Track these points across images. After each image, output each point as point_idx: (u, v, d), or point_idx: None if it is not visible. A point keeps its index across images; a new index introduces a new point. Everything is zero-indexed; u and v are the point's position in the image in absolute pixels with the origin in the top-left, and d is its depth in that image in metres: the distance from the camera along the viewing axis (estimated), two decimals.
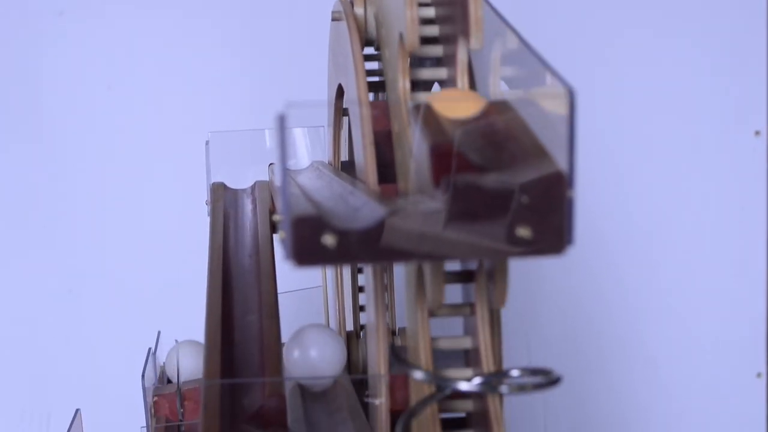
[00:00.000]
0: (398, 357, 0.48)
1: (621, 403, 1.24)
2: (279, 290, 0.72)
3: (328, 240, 0.43)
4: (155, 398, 0.82)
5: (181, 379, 0.77)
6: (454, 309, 0.55)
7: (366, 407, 0.66)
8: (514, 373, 0.47)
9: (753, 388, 1.26)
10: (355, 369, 0.79)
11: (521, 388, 0.45)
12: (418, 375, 0.47)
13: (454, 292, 0.58)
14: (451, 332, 0.57)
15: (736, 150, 1.23)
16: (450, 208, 0.43)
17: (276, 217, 0.76)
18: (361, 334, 0.83)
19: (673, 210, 1.23)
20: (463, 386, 0.45)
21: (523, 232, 0.44)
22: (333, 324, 0.87)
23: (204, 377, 0.60)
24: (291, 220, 0.43)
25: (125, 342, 1.11)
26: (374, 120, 0.58)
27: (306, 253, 0.43)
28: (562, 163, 0.44)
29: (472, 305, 0.54)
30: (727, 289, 1.24)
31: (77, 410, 0.82)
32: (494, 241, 0.44)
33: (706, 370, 1.24)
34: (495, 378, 0.46)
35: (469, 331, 0.55)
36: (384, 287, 0.59)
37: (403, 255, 0.44)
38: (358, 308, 0.84)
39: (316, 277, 0.88)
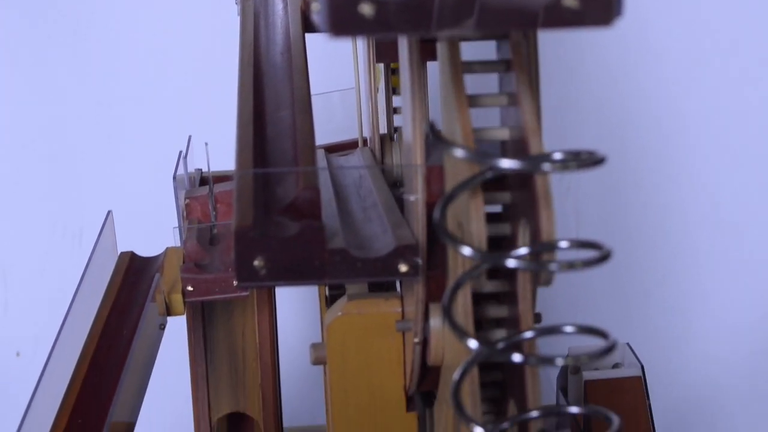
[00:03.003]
0: (437, 135, 0.46)
1: (654, 195, 1.22)
2: (312, 92, 0.70)
3: (366, 9, 0.41)
4: (187, 201, 0.81)
5: None
6: (492, 98, 0.54)
7: (400, 204, 0.65)
8: (557, 155, 0.45)
9: None
10: (388, 173, 0.78)
11: (564, 166, 0.44)
12: (458, 153, 0.46)
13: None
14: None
15: None
16: None
17: None
18: (395, 136, 0.82)
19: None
20: (505, 164, 0.44)
21: (570, 1, 0.42)
22: (366, 127, 0.86)
23: (237, 169, 0.59)
24: None
25: (156, 148, 1.10)
26: None
27: (342, 22, 0.42)
28: None
29: (511, 94, 0.53)
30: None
31: (109, 212, 0.82)
32: (538, 11, 0.42)
33: (739, 170, 1.21)
34: (538, 157, 0.44)
35: (507, 121, 0.54)
36: (421, 74, 0.57)
37: (440, 23, 0.42)
38: (392, 110, 0.82)
39: (348, 78, 0.86)
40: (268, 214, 0.57)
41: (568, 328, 0.48)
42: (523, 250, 0.47)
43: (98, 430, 0.66)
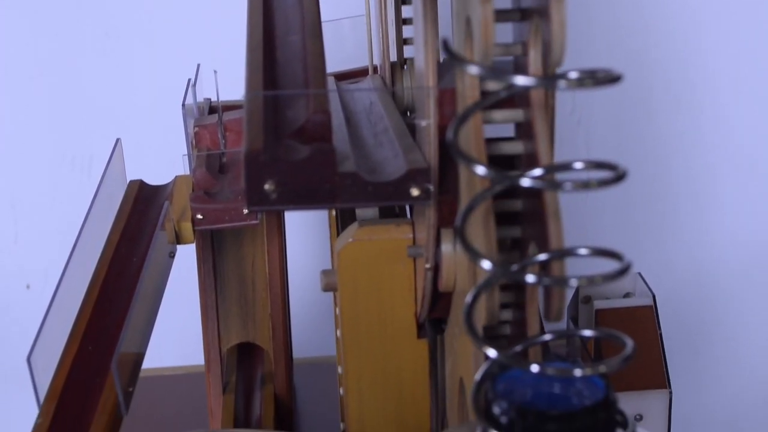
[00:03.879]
0: (450, 52, 0.46)
1: (667, 126, 1.20)
2: (322, 19, 0.69)
3: None
4: (196, 129, 0.81)
5: None
6: (509, 14, 0.53)
7: (412, 131, 0.64)
8: (573, 74, 0.45)
9: None
10: (399, 101, 0.78)
11: (580, 84, 0.43)
12: (473, 70, 0.45)
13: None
14: None
15: None
16: None
17: None
18: (405, 66, 0.81)
19: None
20: (521, 81, 0.43)
21: None
22: (377, 54, 0.85)
23: (247, 92, 0.59)
24: None
25: (165, 76, 1.09)
26: None
27: None
28: None
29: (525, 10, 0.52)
30: None
31: (117, 140, 0.81)
32: None
33: (757, 96, 1.20)
34: (554, 75, 0.43)
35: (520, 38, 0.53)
36: None
37: None
38: (402, 40, 0.81)
39: (359, 5, 0.85)
40: (279, 138, 0.57)
41: (582, 251, 0.48)
42: (537, 171, 0.47)
43: (109, 355, 0.66)
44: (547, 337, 0.50)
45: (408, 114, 0.77)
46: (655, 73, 1.19)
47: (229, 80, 0.82)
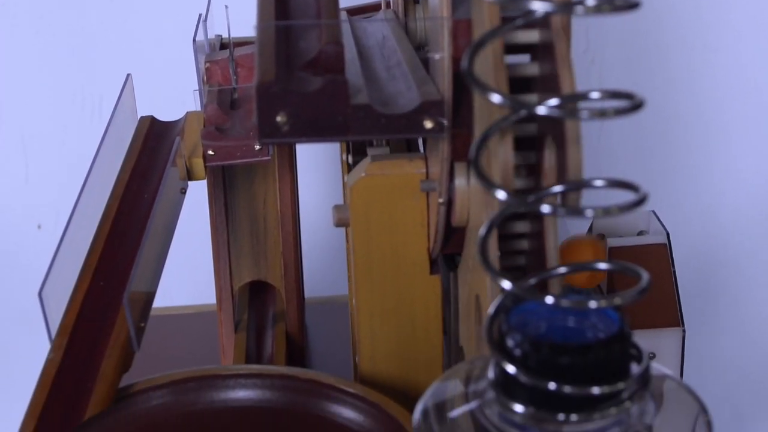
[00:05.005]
0: None
1: (683, 66, 1.19)
2: None
3: None
4: (207, 65, 0.80)
5: None
6: None
7: (426, 64, 0.63)
8: (590, 0, 0.44)
9: None
10: (412, 37, 0.77)
11: (598, 10, 0.42)
12: None
13: None
14: None
15: None
16: None
17: None
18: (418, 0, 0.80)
19: None
20: (537, 6, 0.42)
21: None
22: None
23: (258, 23, 0.58)
24: None
25: (175, 12, 1.08)
26: None
27: None
28: None
29: None
30: None
31: (128, 75, 0.81)
32: None
33: None
34: (571, 1, 0.43)
35: None
36: None
37: None
38: None
39: None
40: (291, 69, 0.56)
41: (598, 182, 0.47)
42: (554, 100, 0.46)
43: (120, 290, 0.65)
44: (562, 270, 0.50)
45: (421, 48, 0.76)
46: (669, 13, 1.18)
47: (241, 16, 0.81)
